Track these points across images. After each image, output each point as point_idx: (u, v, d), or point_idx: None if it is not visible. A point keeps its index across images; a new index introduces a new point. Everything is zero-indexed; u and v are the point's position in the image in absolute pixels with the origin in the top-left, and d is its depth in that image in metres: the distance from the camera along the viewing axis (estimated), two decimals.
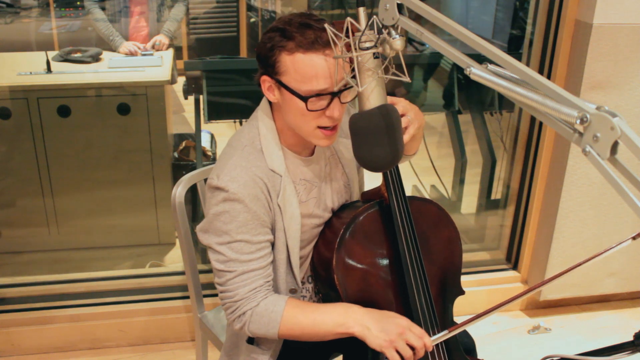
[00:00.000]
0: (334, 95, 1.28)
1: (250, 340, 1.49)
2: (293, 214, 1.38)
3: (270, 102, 1.40)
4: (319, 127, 1.31)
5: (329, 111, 1.29)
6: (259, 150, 1.37)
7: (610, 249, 1.23)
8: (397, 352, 1.28)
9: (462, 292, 1.54)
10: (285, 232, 1.39)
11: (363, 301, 1.39)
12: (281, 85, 1.29)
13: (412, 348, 1.29)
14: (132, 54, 3.00)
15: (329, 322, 1.31)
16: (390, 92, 1.27)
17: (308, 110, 1.27)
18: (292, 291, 1.46)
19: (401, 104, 1.37)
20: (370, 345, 1.29)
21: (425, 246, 1.46)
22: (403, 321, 1.30)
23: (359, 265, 1.40)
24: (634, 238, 1.20)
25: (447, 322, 1.51)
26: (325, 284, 1.45)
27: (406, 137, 1.36)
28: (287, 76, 1.28)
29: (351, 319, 1.30)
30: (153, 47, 3.06)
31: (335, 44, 1.19)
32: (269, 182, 1.35)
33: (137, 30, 3.14)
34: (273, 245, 1.40)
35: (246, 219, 1.32)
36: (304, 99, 1.26)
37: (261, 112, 1.40)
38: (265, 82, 1.33)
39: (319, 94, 1.27)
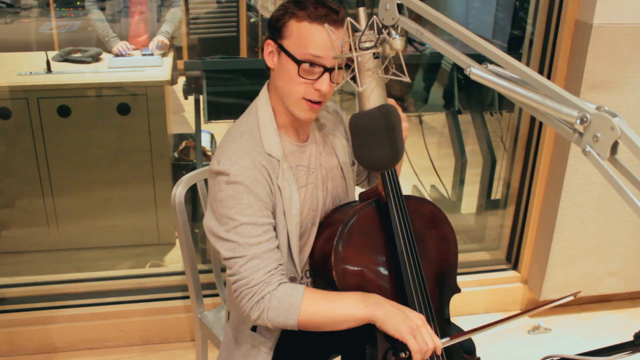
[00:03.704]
0: (326, 70, 1.32)
1: (254, 328, 1.48)
2: (292, 196, 1.40)
3: (268, 86, 1.43)
4: (305, 99, 1.35)
5: (317, 83, 1.33)
6: (257, 136, 1.39)
7: (550, 303, 1.28)
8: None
9: (458, 290, 1.55)
10: (285, 215, 1.39)
11: None
12: (281, 49, 1.34)
13: None
14: (120, 54, 3.01)
15: (350, 306, 1.31)
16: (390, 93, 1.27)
17: (299, 75, 1.32)
18: (292, 279, 1.46)
19: None
20: (390, 330, 1.29)
21: (422, 244, 1.47)
22: (421, 316, 1.33)
23: (357, 262, 1.40)
24: (574, 295, 1.25)
25: (443, 319, 1.52)
26: (324, 281, 1.46)
27: None
28: (288, 40, 1.33)
29: (372, 304, 1.31)
30: (157, 48, 3.07)
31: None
32: (268, 165, 1.37)
33: (137, 31, 3.14)
34: (274, 229, 1.40)
35: (250, 200, 1.32)
36: (298, 62, 1.31)
37: (260, 100, 1.43)
38: (268, 46, 1.37)
39: (312, 63, 1.31)
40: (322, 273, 1.45)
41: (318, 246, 1.48)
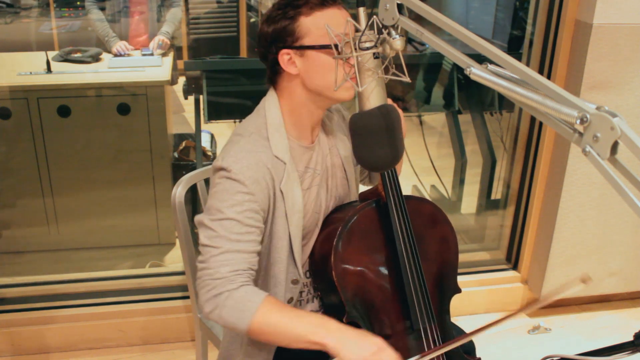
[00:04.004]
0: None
1: None
2: (295, 200, 1.39)
3: (276, 89, 1.41)
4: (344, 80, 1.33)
5: (352, 58, 1.29)
6: (265, 138, 1.37)
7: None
8: None
9: (459, 290, 1.55)
10: (288, 219, 1.39)
11: (361, 298, 1.39)
12: (304, 48, 1.31)
13: None
14: (119, 54, 3.01)
15: (304, 327, 1.26)
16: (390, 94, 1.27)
17: (339, 53, 1.28)
18: (294, 282, 1.46)
19: None
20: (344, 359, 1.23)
21: (422, 244, 1.47)
22: (378, 341, 1.25)
23: (356, 262, 1.40)
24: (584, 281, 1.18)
25: (443, 319, 1.51)
26: (323, 281, 1.46)
27: None
28: (309, 37, 1.31)
29: (326, 330, 1.25)
30: (157, 47, 3.07)
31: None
32: (273, 168, 1.36)
33: (137, 31, 3.14)
34: (272, 233, 1.40)
35: (243, 199, 1.31)
36: (336, 46, 1.28)
37: (268, 101, 1.41)
38: (284, 55, 1.34)
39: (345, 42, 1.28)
40: (321, 273, 1.45)
41: (318, 246, 1.48)
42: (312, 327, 1.26)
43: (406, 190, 1.47)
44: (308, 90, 1.37)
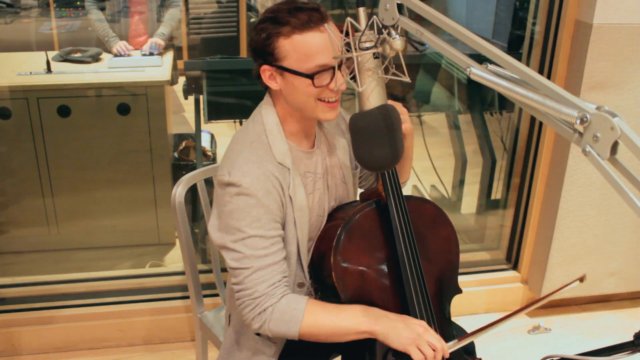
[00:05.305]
0: (333, 68, 1.30)
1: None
2: (301, 205, 1.39)
3: (271, 95, 1.41)
4: (322, 101, 1.34)
5: (332, 84, 1.31)
6: (266, 145, 1.37)
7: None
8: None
9: (460, 291, 1.55)
10: (296, 224, 1.39)
11: (361, 299, 1.39)
12: (283, 70, 1.31)
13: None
14: (119, 54, 3.01)
15: (351, 320, 1.31)
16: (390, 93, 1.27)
17: (315, 86, 1.29)
18: (300, 285, 1.46)
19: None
20: (392, 344, 1.29)
21: (423, 245, 1.47)
22: (422, 323, 1.32)
23: (356, 263, 1.40)
24: (580, 280, 1.23)
25: (444, 320, 1.51)
26: (323, 282, 1.46)
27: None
28: (288, 60, 1.30)
29: (373, 318, 1.31)
30: (150, 49, 3.06)
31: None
32: (279, 175, 1.35)
33: (137, 31, 3.14)
34: (284, 239, 1.40)
35: (259, 213, 1.31)
36: (310, 76, 1.29)
37: (264, 107, 1.41)
38: (266, 71, 1.34)
39: (322, 70, 1.29)
40: (321, 273, 1.45)
41: (318, 247, 1.47)
42: (358, 318, 1.32)
43: (406, 190, 1.47)
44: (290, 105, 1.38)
